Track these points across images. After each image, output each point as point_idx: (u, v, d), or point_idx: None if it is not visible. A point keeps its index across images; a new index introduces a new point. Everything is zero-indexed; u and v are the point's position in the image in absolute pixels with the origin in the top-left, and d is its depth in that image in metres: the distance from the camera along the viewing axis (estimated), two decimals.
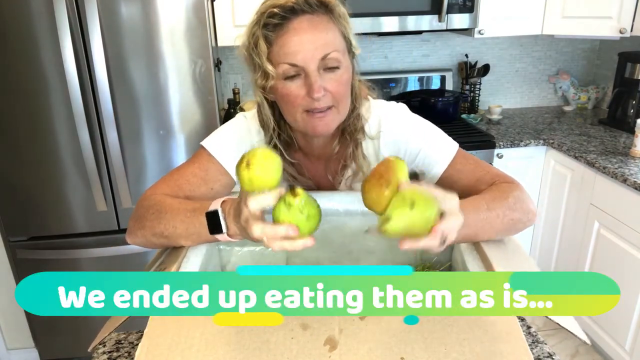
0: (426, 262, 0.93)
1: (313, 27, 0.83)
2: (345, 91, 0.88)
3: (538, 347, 0.93)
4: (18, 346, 2.32)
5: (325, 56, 0.83)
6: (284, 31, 0.83)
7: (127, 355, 0.95)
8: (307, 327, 0.60)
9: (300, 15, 0.83)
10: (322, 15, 0.84)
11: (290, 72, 0.84)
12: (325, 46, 0.83)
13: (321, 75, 0.84)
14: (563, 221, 2.36)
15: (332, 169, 1.00)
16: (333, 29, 0.86)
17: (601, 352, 2.25)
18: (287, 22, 0.83)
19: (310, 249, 0.94)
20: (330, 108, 0.87)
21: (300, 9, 0.82)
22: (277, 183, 0.65)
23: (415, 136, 0.97)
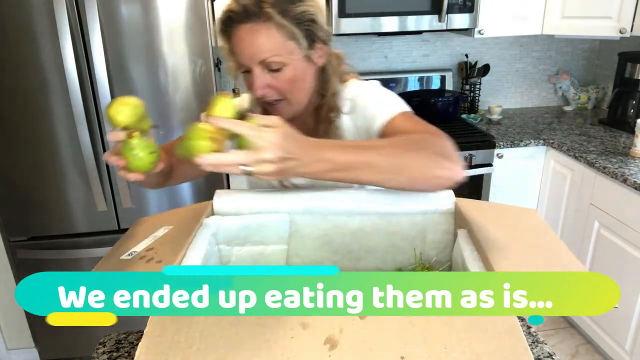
0: (426, 262, 0.93)
1: (250, 35, 0.89)
2: (292, 86, 0.94)
3: (538, 347, 0.93)
4: (18, 346, 2.33)
5: (264, 60, 0.90)
6: (231, 36, 0.92)
7: (127, 355, 0.95)
8: (307, 326, 0.60)
9: (240, 24, 0.90)
10: (261, 23, 0.89)
11: (242, 67, 0.94)
12: (263, 52, 0.90)
13: (265, 73, 0.92)
14: (563, 221, 2.37)
15: None
16: (274, 34, 0.90)
17: (601, 352, 2.25)
18: (231, 28, 0.91)
19: (311, 249, 0.95)
20: (279, 101, 0.95)
21: (239, 18, 0.89)
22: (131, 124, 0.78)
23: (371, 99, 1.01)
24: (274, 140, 0.70)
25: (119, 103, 0.78)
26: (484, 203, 0.93)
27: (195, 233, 0.83)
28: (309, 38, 0.93)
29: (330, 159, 0.75)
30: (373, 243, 0.94)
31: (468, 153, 2.29)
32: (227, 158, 0.71)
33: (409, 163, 0.80)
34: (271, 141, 0.70)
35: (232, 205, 0.92)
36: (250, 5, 0.88)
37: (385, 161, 0.78)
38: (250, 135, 0.70)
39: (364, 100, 1.01)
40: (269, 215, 0.92)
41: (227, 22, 0.91)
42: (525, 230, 0.83)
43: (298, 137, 0.74)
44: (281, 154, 0.71)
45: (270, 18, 0.88)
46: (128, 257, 0.78)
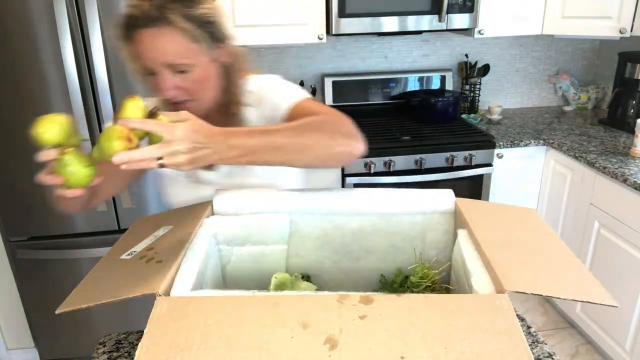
0: (426, 262, 0.93)
1: (153, 40, 0.90)
2: (201, 86, 0.97)
3: (538, 347, 0.93)
4: (18, 346, 2.32)
5: (171, 63, 0.91)
6: (132, 40, 0.92)
7: (127, 355, 0.95)
8: (307, 326, 0.60)
9: (142, 29, 0.89)
10: (163, 27, 0.89)
11: (147, 70, 0.93)
12: (166, 56, 0.91)
13: (174, 75, 0.93)
14: (563, 221, 2.36)
15: None
16: (177, 38, 0.91)
17: (601, 352, 2.25)
18: (132, 33, 0.91)
19: (311, 249, 0.95)
20: (187, 101, 0.96)
21: (138, 24, 0.89)
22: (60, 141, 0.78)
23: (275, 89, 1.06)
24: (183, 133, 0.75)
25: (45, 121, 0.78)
26: (484, 203, 0.94)
27: (195, 233, 0.83)
28: (211, 39, 0.95)
29: (239, 145, 0.80)
30: (373, 243, 0.94)
31: (468, 153, 2.28)
32: (140, 153, 0.73)
33: (312, 143, 0.85)
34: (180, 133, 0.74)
35: (232, 205, 0.92)
36: (151, 10, 0.88)
37: (289, 142, 0.84)
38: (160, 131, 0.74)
39: (269, 91, 1.06)
40: (269, 215, 0.92)
41: (127, 27, 0.90)
42: (526, 230, 0.84)
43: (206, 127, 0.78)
44: (191, 145, 0.75)
45: (172, 22, 0.89)
46: (128, 256, 0.78)
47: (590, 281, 0.68)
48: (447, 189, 0.93)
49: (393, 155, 2.23)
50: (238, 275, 0.95)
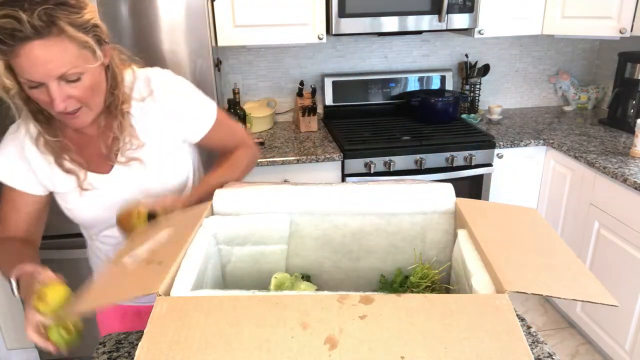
0: (426, 262, 0.93)
1: (44, 52, 0.85)
2: (92, 92, 0.95)
3: (538, 347, 0.93)
4: (18, 346, 2.32)
5: (63, 74, 0.88)
6: (16, 55, 0.84)
7: (127, 355, 0.95)
8: (307, 326, 0.60)
9: (28, 42, 0.83)
10: (54, 37, 0.85)
11: (32, 84, 0.88)
12: (60, 67, 0.87)
13: (63, 85, 0.89)
14: (563, 221, 2.36)
15: (105, 142, 1.06)
16: (68, 47, 0.87)
17: (601, 352, 2.25)
18: (15, 47, 0.84)
19: (311, 249, 0.95)
20: (79, 109, 0.95)
21: (26, 35, 0.83)
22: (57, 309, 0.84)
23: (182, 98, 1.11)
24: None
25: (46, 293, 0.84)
26: (484, 203, 0.94)
27: (195, 233, 0.83)
28: (97, 43, 0.93)
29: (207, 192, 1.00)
30: (373, 243, 0.94)
31: (468, 153, 2.29)
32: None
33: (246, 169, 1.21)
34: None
35: (232, 206, 0.92)
36: (36, 21, 0.82)
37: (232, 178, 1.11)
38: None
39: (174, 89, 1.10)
40: (269, 215, 0.92)
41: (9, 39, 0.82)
42: (526, 230, 0.84)
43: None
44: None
45: (63, 31, 0.86)
46: (129, 259, 0.78)
47: (590, 281, 0.68)
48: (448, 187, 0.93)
49: (393, 155, 2.24)
50: (238, 275, 0.95)
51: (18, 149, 1.04)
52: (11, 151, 1.05)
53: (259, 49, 2.59)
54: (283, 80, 2.68)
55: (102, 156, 1.07)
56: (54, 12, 0.84)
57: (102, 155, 1.07)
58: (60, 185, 1.07)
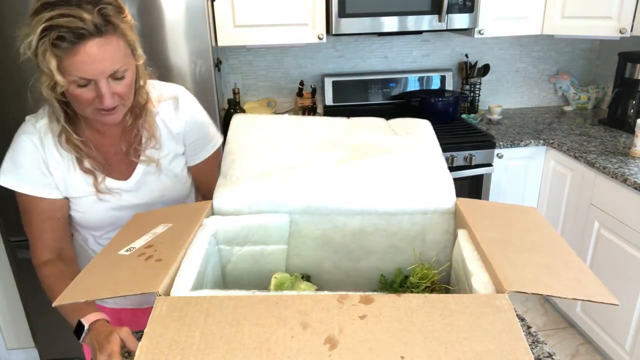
0: (425, 262, 0.93)
1: (102, 50, 0.90)
2: (130, 90, 1.00)
3: (538, 347, 0.93)
4: (18, 346, 2.32)
5: (115, 72, 0.93)
6: (75, 53, 0.88)
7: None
8: (307, 326, 0.60)
9: (90, 40, 0.88)
10: (110, 35, 0.90)
11: (81, 82, 0.92)
12: (114, 64, 0.92)
13: (111, 82, 0.94)
14: (563, 221, 2.36)
15: (127, 140, 1.10)
16: (120, 44, 0.93)
17: (601, 352, 2.25)
18: (76, 45, 0.87)
19: (311, 249, 0.95)
20: (117, 106, 0.98)
21: (89, 33, 0.87)
22: None
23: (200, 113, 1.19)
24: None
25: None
26: (484, 202, 0.94)
27: (195, 233, 0.83)
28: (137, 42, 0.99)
29: None
30: (373, 243, 0.94)
31: (468, 153, 2.29)
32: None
33: None
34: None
35: (232, 205, 0.92)
36: (97, 19, 0.87)
37: None
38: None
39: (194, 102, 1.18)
40: (269, 215, 0.92)
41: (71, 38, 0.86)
42: (526, 229, 0.83)
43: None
44: None
45: (117, 30, 0.91)
46: (126, 252, 0.78)
47: (590, 280, 0.68)
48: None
49: None
50: (238, 275, 0.95)
51: (35, 152, 1.04)
52: (28, 158, 1.04)
53: (259, 49, 2.59)
54: (283, 80, 2.68)
55: (122, 157, 1.10)
56: (108, 12, 0.90)
57: (121, 155, 1.10)
58: (74, 189, 1.08)
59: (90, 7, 0.87)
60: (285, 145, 1.00)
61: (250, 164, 0.96)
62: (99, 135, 1.09)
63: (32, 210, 1.07)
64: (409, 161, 0.97)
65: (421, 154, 0.99)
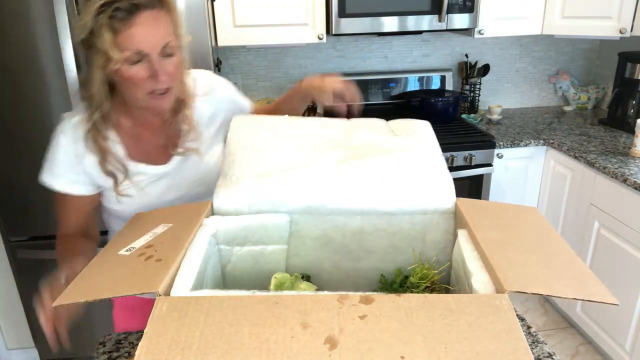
0: (425, 262, 0.93)
1: (156, 21, 0.95)
2: (178, 72, 1.03)
3: (538, 347, 0.93)
4: (18, 346, 2.32)
5: (166, 45, 0.97)
6: (130, 24, 0.92)
7: (127, 355, 0.95)
8: (307, 326, 0.60)
9: (144, 11, 0.93)
10: (160, 10, 0.96)
11: (134, 58, 0.95)
12: (165, 37, 0.97)
13: (161, 59, 0.97)
14: (563, 221, 2.37)
15: (166, 134, 1.12)
16: (169, 21, 0.98)
17: (601, 352, 2.25)
18: (132, 16, 0.92)
19: (311, 249, 0.95)
20: (169, 89, 1.01)
21: (143, 5, 0.93)
22: None
23: (231, 92, 1.25)
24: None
25: None
26: (484, 202, 0.93)
27: (195, 233, 0.83)
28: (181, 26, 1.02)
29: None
30: (373, 243, 0.94)
31: (468, 153, 2.29)
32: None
33: None
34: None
35: (232, 205, 0.92)
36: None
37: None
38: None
39: (227, 89, 1.24)
40: (269, 215, 0.92)
41: (128, 9, 0.92)
42: (526, 229, 0.83)
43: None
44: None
45: (167, 5, 0.97)
46: (126, 252, 0.78)
47: (590, 279, 0.68)
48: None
49: None
50: (238, 275, 0.94)
51: (69, 151, 1.07)
52: (62, 156, 1.08)
53: (259, 49, 2.59)
54: (283, 80, 2.68)
55: (160, 148, 1.13)
56: None
57: (159, 147, 1.12)
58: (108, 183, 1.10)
59: None
60: (285, 145, 1.01)
61: (251, 164, 0.96)
62: (140, 127, 1.10)
63: (63, 203, 1.12)
64: (409, 161, 0.97)
65: (421, 154, 0.99)
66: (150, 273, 0.70)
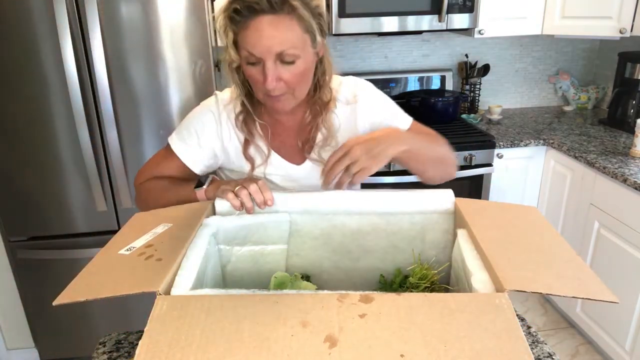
0: (425, 262, 0.93)
1: (272, 27, 0.89)
2: (300, 80, 0.97)
3: (538, 347, 0.93)
4: (18, 346, 2.33)
5: (281, 52, 0.91)
6: (246, 27, 0.90)
7: (127, 355, 0.95)
8: (307, 324, 0.60)
9: (261, 15, 0.89)
10: (283, 15, 0.89)
11: (251, 59, 0.92)
12: (282, 44, 0.90)
13: (278, 66, 0.93)
14: (563, 221, 2.36)
15: (303, 136, 1.10)
16: (294, 27, 0.91)
17: (601, 352, 2.25)
18: (248, 19, 0.89)
19: (310, 249, 0.95)
20: (284, 94, 0.97)
21: (261, 9, 0.88)
22: None
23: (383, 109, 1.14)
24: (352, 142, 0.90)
25: None
26: (484, 202, 0.93)
27: (195, 233, 0.83)
28: (319, 31, 0.95)
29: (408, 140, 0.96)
30: (372, 243, 0.94)
31: (468, 153, 2.29)
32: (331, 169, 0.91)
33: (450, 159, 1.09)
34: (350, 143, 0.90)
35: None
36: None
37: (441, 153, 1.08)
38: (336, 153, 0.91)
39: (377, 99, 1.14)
40: (269, 215, 0.92)
41: (245, 11, 0.88)
42: (526, 228, 0.84)
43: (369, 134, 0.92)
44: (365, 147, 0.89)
45: (293, 10, 0.89)
46: (126, 252, 0.78)
47: (590, 278, 0.68)
48: (447, 189, 0.93)
49: None
50: (238, 275, 0.95)
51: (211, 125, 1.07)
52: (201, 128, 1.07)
53: None
54: None
55: (295, 148, 1.10)
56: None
57: (295, 147, 1.10)
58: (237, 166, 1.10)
59: None
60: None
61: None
62: (277, 124, 1.09)
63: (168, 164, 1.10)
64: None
65: None
66: (151, 272, 0.70)
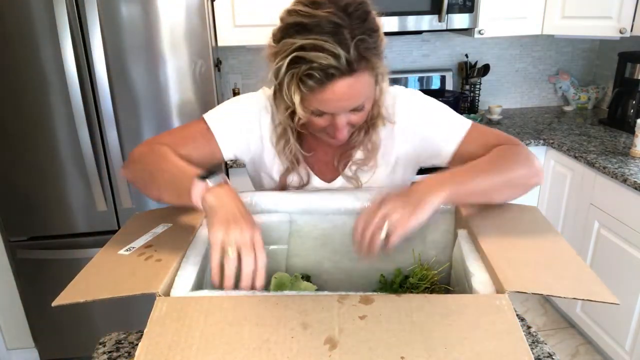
0: (425, 262, 0.93)
1: (351, 89, 0.81)
2: (366, 116, 0.92)
3: (538, 347, 0.93)
4: (18, 346, 2.32)
5: (357, 107, 0.86)
6: (322, 90, 0.80)
7: (127, 355, 0.95)
8: (307, 326, 0.60)
9: (340, 79, 0.79)
10: (362, 72, 0.81)
11: (319, 112, 0.86)
12: (359, 100, 0.85)
13: (348, 114, 0.87)
14: (563, 221, 2.36)
15: (340, 153, 1.02)
16: (368, 79, 0.84)
17: (601, 352, 2.25)
18: (325, 85, 0.79)
19: (310, 249, 0.95)
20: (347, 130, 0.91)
21: (340, 73, 0.78)
22: None
23: (424, 121, 1.00)
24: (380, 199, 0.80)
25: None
26: None
27: (195, 233, 0.83)
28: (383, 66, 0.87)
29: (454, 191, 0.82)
30: None
31: None
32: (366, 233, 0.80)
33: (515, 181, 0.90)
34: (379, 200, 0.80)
35: None
36: (352, 56, 0.78)
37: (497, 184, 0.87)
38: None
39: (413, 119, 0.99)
40: (269, 215, 0.92)
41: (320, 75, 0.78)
42: (526, 228, 0.83)
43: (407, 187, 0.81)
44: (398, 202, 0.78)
45: (369, 64, 0.81)
46: (126, 252, 0.78)
47: (590, 279, 0.68)
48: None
49: None
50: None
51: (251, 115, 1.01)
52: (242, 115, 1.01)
53: (259, 49, 2.59)
54: None
55: (329, 165, 1.03)
56: (365, 44, 0.79)
57: (329, 163, 1.03)
58: (261, 166, 1.05)
59: (348, 38, 0.77)
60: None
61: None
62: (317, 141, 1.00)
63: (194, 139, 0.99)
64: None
65: None
66: (150, 273, 0.70)
